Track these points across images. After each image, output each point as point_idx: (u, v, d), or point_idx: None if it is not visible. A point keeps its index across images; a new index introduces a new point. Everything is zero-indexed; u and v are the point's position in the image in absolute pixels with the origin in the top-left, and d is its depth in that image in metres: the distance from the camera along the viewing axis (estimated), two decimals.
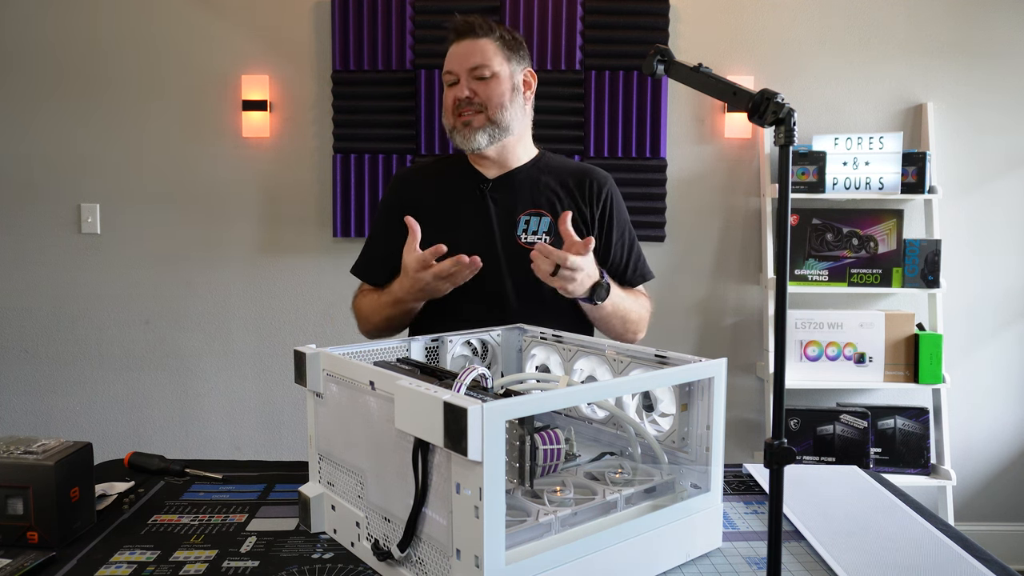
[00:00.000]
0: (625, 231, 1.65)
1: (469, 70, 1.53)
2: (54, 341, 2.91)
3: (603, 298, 1.43)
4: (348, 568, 0.99)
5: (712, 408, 1.02)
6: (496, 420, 0.78)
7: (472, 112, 1.54)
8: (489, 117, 1.54)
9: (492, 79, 1.54)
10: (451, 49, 1.56)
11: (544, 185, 1.61)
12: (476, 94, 1.53)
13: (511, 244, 1.55)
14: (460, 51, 1.54)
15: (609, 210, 1.62)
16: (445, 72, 1.57)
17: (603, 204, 1.62)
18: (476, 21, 1.55)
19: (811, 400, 2.77)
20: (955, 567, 0.99)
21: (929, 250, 2.62)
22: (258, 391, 2.90)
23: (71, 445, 1.07)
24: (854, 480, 1.33)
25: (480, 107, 1.53)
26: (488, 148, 1.56)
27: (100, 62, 2.82)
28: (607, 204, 1.62)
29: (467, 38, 1.54)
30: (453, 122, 1.56)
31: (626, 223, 1.66)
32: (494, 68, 1.53)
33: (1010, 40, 2.75)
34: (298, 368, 1.09)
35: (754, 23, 2.78)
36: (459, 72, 1.54)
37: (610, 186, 1.65)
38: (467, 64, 1.53)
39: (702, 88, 0.95)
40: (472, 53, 1.53)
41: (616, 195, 1.65)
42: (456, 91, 1.55)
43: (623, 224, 1.65)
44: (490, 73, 1.53)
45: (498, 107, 1.54)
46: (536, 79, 1.63)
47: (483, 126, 1.54)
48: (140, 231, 2.87)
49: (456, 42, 1.55)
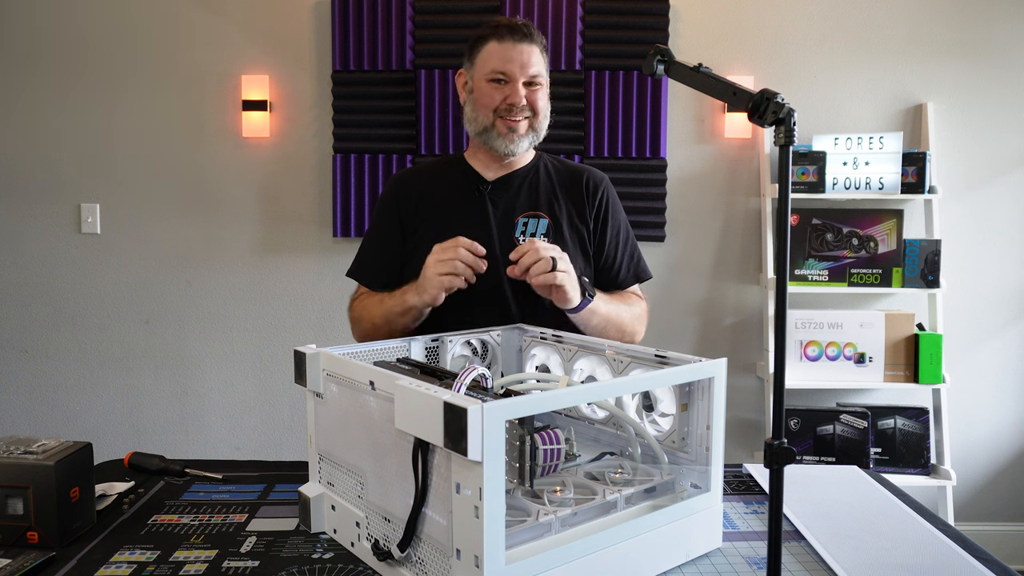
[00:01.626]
0: (620, 230, 1.65)
1: (527, 76, 1.53)
2: (54, 341, 2.91)
3: (593, 294, 1.43)
4: (348, 568, 0.99)
5: (712, 408, 1.02)
6: (496, 420, 0.78)
7: (522, 118, 1.54)
8: (533, 125, 1.56)
9: (541, 88, 1.56)
10: (501, 48, 1.52)
11: (542, 187, 1.61)
12: (528, 100, 1.54)
13: (509, 245, 1.55)
14: (517, 54, 1.52)
15: (604, 209, 1.62)
16: (495, 71, 1.52)
17: (598, 203, 1.62)
18: (526, 24, 1.54)
19: (811, 400, 2.77)
20: (955, 567, 0.99)
21: (929, 250, 2.62)
22: (258, 391, 2.90)
23: (71, 445, 1.07)
24: (854, 480, 1.33)
25: (529, 114, 1.55)
26: (523, 153, 1.59)
27: (100, 62, 2.82)
28: (602, 203, 1.62)
29: (523, 41, 1.52)
30: (493, 120, 1.54)
31: (621, 223, 1.66)
32: (543, 79, 1.56)
33: (1010, 40, 2.75)
34: (298, 368, 1.09)
35: (754, 23, 2.77)
36: (516, 75, 1.52)
37: (606, 185, 1.65)
38: (527, 70, 1.52)
39: (702, 88, 0.95)
40: (531, 60, 1.52)
41: (612, 194, 1.66)
42: (511, 95, 1.52)
43: (618, 223, 1.65)
44: (541, 82, 1.55)
45: (543, 117, 1.58)
46: None
47: (527, 133, 1.56)
48: (140, 231, 2.87)
49: (507, 42, 1.52)
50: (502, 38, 1.52)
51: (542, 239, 1.56)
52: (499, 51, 1.52)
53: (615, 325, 1.52)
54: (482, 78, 1.54)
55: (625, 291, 1.65)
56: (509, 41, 1.52)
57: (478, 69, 1.56)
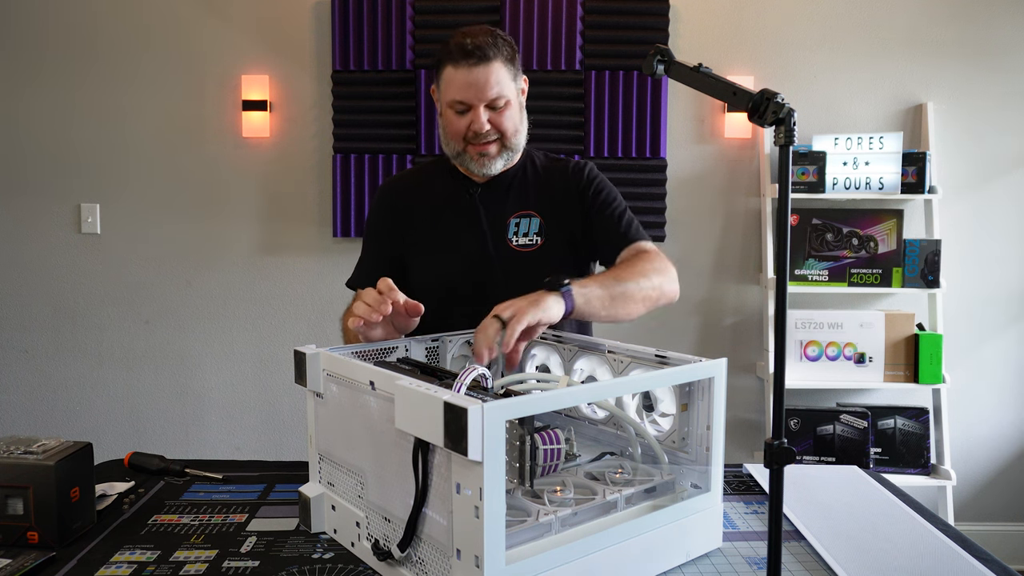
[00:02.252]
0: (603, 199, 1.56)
1: (487, 100, 1.45)
2: (54, 341, 2.90)
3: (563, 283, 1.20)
4: (348, 568, 0.99)
5: (712, 408, 1.02)
6: (496, 420, 0.79)
7: (488, 142, 1.49)
8: (504, 144, 1.50)
9: (506, 106, 1.47)
10: (456, 74, 1.44)
11: (531, 185, 1.59)
12: (492, 125, 1.47)
13: (503, 248, 1.54)
14: (473, 80, 1.43)
15: (586, 188, 1.57)
16: (452, 100, 1.46)
17: (582, 187, 1.57)
18: (478, 43, 1.43)
19: (811, 400, 2.77)
20: (955, 567, 0.99)
21: (929, 250, 2.62)
22: (258, 391, 2.90)
23: (71, 445, 1.07)
24: (854, 480, 1.33)
25: (497, 136, 1.49)
26: (502, 170, 1.54)
27: (100, 62, 2.82)
28: (587, 186, 1.57)
29: (478, 65, 1.42)
30: (463, 148, 1.50)
31: (605, 195, 1.57)
32: (508, 95, 1.46)
33: (1010, 40, 2.75)
34: (298, 368, 1.09)
35: (754, 23, 2.77)
36: (474, 102, 1.45)
37: (588, 169, 1.59)
38: (484, 96, 1.44)
39: (702, 88, 0.95)
40: (487, 83, 1.43)
41: (593, 174, 1.59)
42: (472, 123, 1.46)
43: (601, 196, 1.57)
44: (504, 102, 1.46)
45: (514, 134, 1.51)
46: (528, 82, 1.59)
47: (499, 154, 1.51)
48: (140, 231, 2.86)
49: (462, 67, 1.43)
50: (457, 63, 1.43)
51: (535, 238, 1.55)
52: (456, 78, 1.44)
53: (622, 295, 1.31)
54: (446, 104, 1.49)
55: (628, 257, 1.48)
56: (464, 66, 1.43)
57: (442, 94, 1.49)
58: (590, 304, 1.24)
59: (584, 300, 1.22)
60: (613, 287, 1.29)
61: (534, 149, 1.66)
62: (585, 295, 1.22)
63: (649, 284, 1.34)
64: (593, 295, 1.25)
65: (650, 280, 1.35)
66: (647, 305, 1.35)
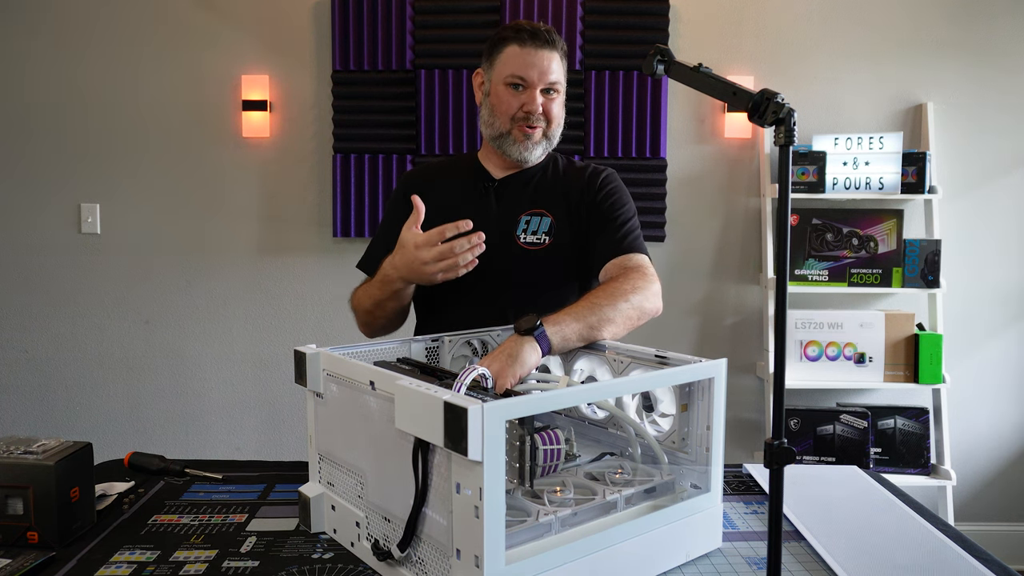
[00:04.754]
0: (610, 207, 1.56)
1: (545, 83, 1.51)
2: (54, 341, 2.90)
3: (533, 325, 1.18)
4: (348, 568, 0.99)
5: (712, 408, 1.02)
6: (496, 420, 0.79)
7: (537, 125, 1.53)
8: (547, 133, 1.55)
9: (558, 96, 1.54)
10: (522, 52, 1.50)
11: (549, 186, 1.60)
12: (544, 109, 1.52)
13: (510, 244, 1.55)
14: (537, 60, 1.49)
15: (598, 194, 1.57)
16: (513, 75, 1.50)
17: (595, 193, 1.58)
18: (548, 29, 1.51)
19: (811, 400, 2.77)
20: (955, 567, 0.99)
21: (929, 250, 2.62)
22: (258, 391, 2.90)
23: (71, 445, 1.07)
24: (854, 480, 1.33)
25: (545, 122, 1.54)
26: (537, 160, 1.58)
27: (100, 62, 2.82)
28: (599, 191, 1.58)
29: (544, 47, 1.50)
30: (510, 128, 1.53)
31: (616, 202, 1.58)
32: (561, 86, 1.53)
33: (1010, 40, 2.75)
34: (298, 368, 1.09)
35: (754, 23, 2.77)
36: (535, 82, 1.50)
37: (605, 176, 1.61)
38: (545, 77, 1.50)
39: (702, 88, 0.95)
40: (549, 67, 1.50)
41: (610, 182, 1.60)
42: (527, 102, 1.51)
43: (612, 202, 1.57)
44: (559, 89, 1.53)
45: (557, 125, 1.56)
46: None
47: (540, 140, 1.55)
48: (140, 231, 2.86)
49: (528, 47, 1.50)
50: (523, 42, 1.49)
51: (543, 237, 1.55)
52: (519, 56, 1.50)
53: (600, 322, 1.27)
54: (500, 81, 1.52)
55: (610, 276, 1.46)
56: (530, 46, 1.49)
57: (496, 71, 1.53)
58: (567, 341, 1.22)
59: (560, 338, 1.21)
60: (588, 316, 1.26)
61: (559, 154, 1.69)
62: (560, 332, 1.21)
63: (627, 305, 1.32)
64: (569, 330, 1.22)
65: (628, 301, 1.32)
66: (627, 326, 1.33)
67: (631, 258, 1.48)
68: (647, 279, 1.41)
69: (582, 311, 1.26)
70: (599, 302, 1.29)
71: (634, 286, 1.36)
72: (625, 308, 1.31)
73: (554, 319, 1.22)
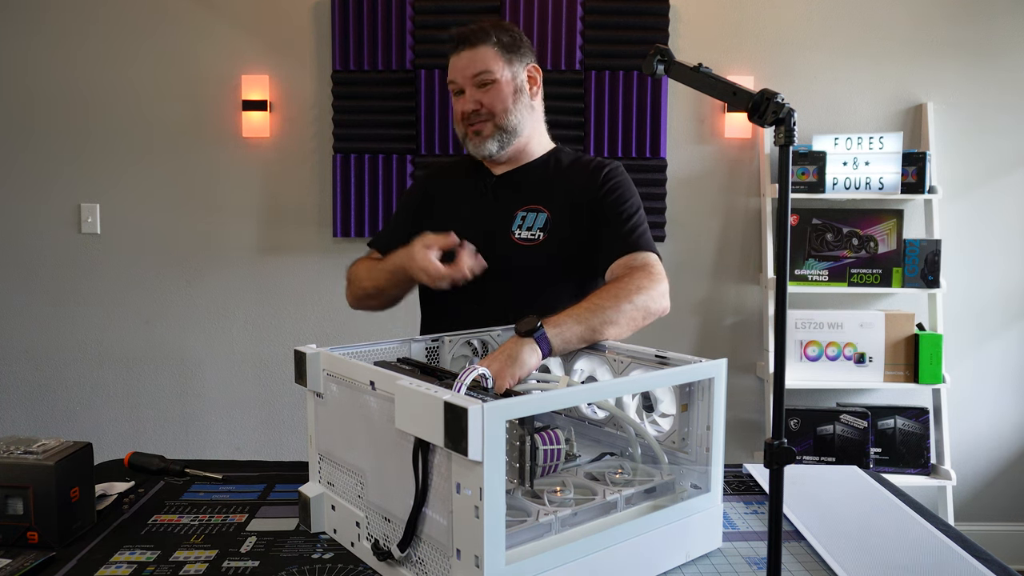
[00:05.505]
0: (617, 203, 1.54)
1: (471, 79, 1.55)
2: (54, 341, 2.90)
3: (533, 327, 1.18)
4: (348, 568, 0.99)
5: (712, 408, 1.02)
6: (496, 420, 0.79)
7: (480, 121, 1.55)
8: (496, 124, 1.55)
9: (494, 85, 1.54)
10: (451, 60, 1.58)
11: (547, 181, 1.60)
12: (481, 104, 1.54)
13: (505, 239, 1.54)
14: (460, 62, 1.56)
15: (603, 190, 1.55)
16: (449, 82, 1.59)
17: (599, 187, 1.56)
18: (471, 29, 1.56)
19: (811, 400, 2.77)
20: (955, 567, 0.99)
21: (929, 250, 2.62)
22: (258, 391, 2.90)
23: (71, 445, 1.07)
24: (854, 480, 1.33)
25: (487, 115, 1.55)
26: (500, 153, 1.58)
27: (99, 62, 2.82)
28: (603, 186, 1.56)
29: (465, 48, 1.56)
30: (464, 130, 1.59)
31: (621, 197, 1.56)
32: (495, 74, 1.54)
33: (1010, 40, 2.75)
34: (298, 368, 1.09)
35: (754, 23, 2.77)
36: (461, 82, 1.56)
37: (610, 169, 1.58)
38: (467, 73, 1.55)
39: (702, 88, 0.95)
40: (472, 62, 1.55)
41: (613, 175, 1.57)
42: (462, 103, 1.57)
43: (616, 197, 1.55)
44: (491, 79, 1.54)
45: (504, 112, 1.55)
46: (541, 73, 1.63)
47: (492, 134, 1.55)
48: (140, 231, 2.86)
49: (455, 53, 1.57)
50: (453, 49, 1.58)
51: (538, 233, 1.54)
52: (451, 63, 1.58)
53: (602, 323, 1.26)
54: (451, 94, 1.61)
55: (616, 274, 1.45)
56: (455, 53, 1.57)
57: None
58: (567, 343, 1.21)
59: (561, 340, 1.20)
60: (590, 319, 1.24)
61: (565, 148, 1.69)
62: (561, 335, 1.20)
63: (631, 306, 1.30)
64: (570, 333, 1.21)
65: (632, 302, 1.30)
66: (631, 327, 1.31)
67: (637, 257, 1.46)
68: (653, 278, 1.39)
69: (584, 313, 1.25)
70: (602, 303, 1.28)
71: (639, 286, 1.35)
72: (628, 309, 1.29)
73: (555, 321, 1.21)
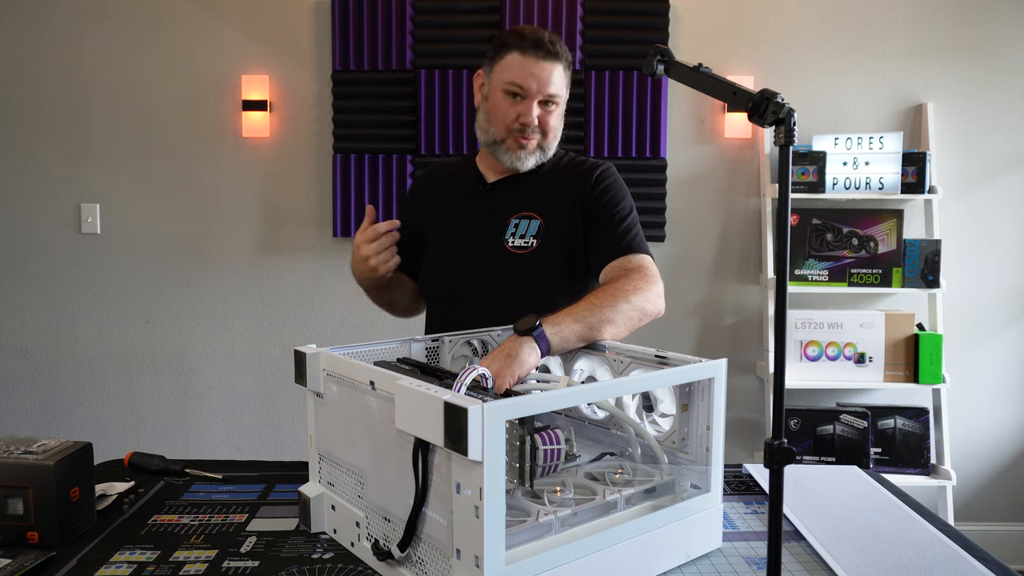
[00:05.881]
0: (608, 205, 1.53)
1: (544, 95, 1.48)
2: (54, 341, 2.90)
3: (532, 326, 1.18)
4: (348, 568, 0.99)
5: (712, 408, 1.02)
6: (496, 420, 0.79)
7: (531, 136, 1.50)
8: (542, 144, 1.52)
9: (556, 108, 1.51)
10: (524, 61, 1.46)
11: (541, 188, 1.57)
12: (539, 121, 1.49)
13: (498, 248, 1.52)
14: (537, 71, 1.46)
15: (594, 191, 1.54)
16: (511, 83, 1.47)
17: (590, 189, 1.54)
18: (553, 38, 1.48)
19: (811, 400, 2.77)
20: (955, 567, 0.99)
21: (929, 250, 2.62)
22: (258, 391, 2.90)
23: (71, 445, 1.07)
24: (854, 480, 1.33)
25: (540, 133, 1.51)
26: (530, 167, 1.54)
27: (99, 62, 2.82)
28: (595, 187, 1.54)
29: (547, 59, 1.46)
30: (504, 136, 1.51)
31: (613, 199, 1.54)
32: (561, 97, 1.51)
33: (1010, 40, 2.75)
34: (298, 368, 1.09)
35: (754, 23, 2.77)
36: (533, 92, 1.47)
37: (601, 170, 1.56)
38: (545, 89, 1.47)
39: (702, 88, 0.95)
40: (550, 78, 1.47)
41: (604, 176, 1.56)
42: (524, 112, 1.48)
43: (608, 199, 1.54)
44: (559, 102, 1.50)
45: (554, 138, 1.53)
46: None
47: (535, 152, 1.52)
48: (140, 231, 2.86)
49: (530, 56, 1.46)
50: (525, 51, 1.46)
51: (531, 241, 1.52)
52: (520, 64, 1.46)
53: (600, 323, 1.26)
54: (499, 88, 1.49)
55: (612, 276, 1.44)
56: (532, 56, 1.46)
57: (496, 76, 1.50)
58: (566, 342, 1.21)
59: (559, 339, 1.20)
60: (588, 317, 1.25)
61: (556, 149, 1.62)
62: (559, 333, 1.20)
63: (628, 306, 1.30)
64: (568, 331, 1.22)
65: (629, 302, 1.31)
66: (629, 327, 1.31)
67: (631, 259, 1.46)
68: (648, 280, 1.39)
69: (581, 312, 1.25)
70: (599, 303, 1.28)
71: (635, 287, 1.35)
72: (625, 309, 1.30)
73: (553, 320, 1.21)
